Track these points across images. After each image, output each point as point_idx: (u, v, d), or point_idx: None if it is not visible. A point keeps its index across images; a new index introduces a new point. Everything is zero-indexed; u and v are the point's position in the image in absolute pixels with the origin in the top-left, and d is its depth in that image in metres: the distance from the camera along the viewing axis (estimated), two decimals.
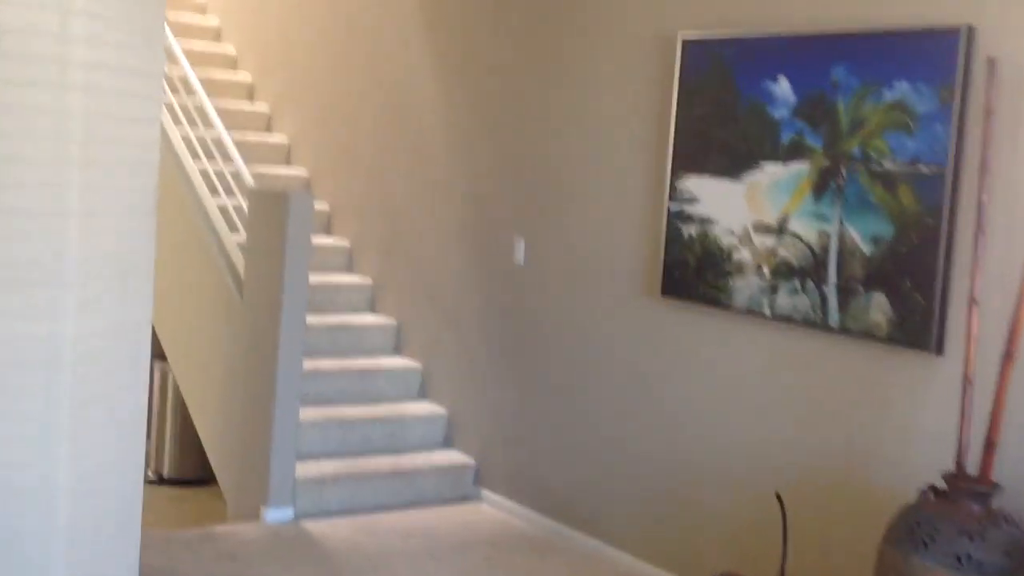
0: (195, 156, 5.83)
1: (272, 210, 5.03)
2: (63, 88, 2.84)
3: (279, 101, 6.97)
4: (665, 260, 4.48)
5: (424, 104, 5.83)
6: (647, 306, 4.61)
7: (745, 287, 4.16)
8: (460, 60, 5.61)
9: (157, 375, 6.63)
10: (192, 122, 6.05)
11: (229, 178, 5.49)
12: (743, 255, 4.18)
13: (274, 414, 4.98)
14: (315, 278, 6.04)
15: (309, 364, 5.58)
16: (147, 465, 6.75)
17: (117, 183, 3.03)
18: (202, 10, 7.68)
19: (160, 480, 6.58)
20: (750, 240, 4.15)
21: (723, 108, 4.25)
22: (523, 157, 5.24)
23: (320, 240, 6.32)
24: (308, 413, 5.37)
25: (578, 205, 4.94)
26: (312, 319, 5.82)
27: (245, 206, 5.39)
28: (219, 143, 5.83)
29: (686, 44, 4.40)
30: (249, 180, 5.37)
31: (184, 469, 6.56)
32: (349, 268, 6.38)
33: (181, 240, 5.68)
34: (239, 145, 6.59)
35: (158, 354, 6.60)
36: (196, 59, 7.15)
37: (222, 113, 6.76)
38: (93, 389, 3.01)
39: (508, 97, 5.32)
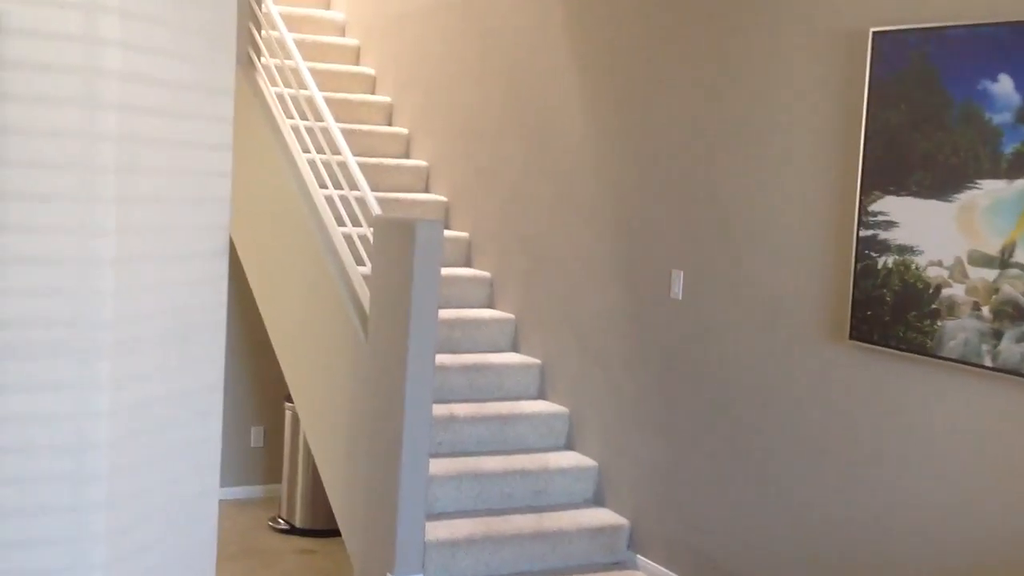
0: (322, 184, 5.38)
1: (397, 240, 4.50)
2: (92, 105, 2.28)
3: (418, 123, 6.49)
4: (854, 297, 3.74)
5: (570, 124, 5.24)
6: (831, 351, 3.88)
7: (958, 331, 3.40)
8: (608, 73, 5.00)
9: (288, 416, 6.21)
10: (320, 149, 5.61)
11: (355, 206, 5.00)
12: (955, 292, 3.42)
13: (401, 467, 4.44)
14: (452, 313, 5.51)
15: (442, 410, 5.03)
16: (278, 512, 6.32)
17: (168, 222, 2.48)
18: (340, 31, 7.29)
19: (291, 529, 6.14)
20: (964, 273, 3.39)
21: (927, 114, 3.51)
22: (681, 179, 4.58)
23: (459, 272, 5.79)
24: (440, 466, 4.82)
25: (746, 232, 4.25)
26: (447, 359, 5.28)
27: (371, 236, 4.89)
28: (347, 168, 5.36)
29: (878, 39, 3.67)
30: (375, 207, 4.87)
31: (316, 518, 6.10)
32: (490, 302, 5.82)
33: (307, 275, 5.22)
34: (376, 169, 6.13)
35: (288, 395, 6.18)
36: (332, 80, 6.75)
37: (358, 136, 6.33)
38: (138, 483, 2.46)
39: (663, 112, 4.68)
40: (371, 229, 5.07)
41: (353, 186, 5.40)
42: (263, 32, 5.92)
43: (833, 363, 3.88)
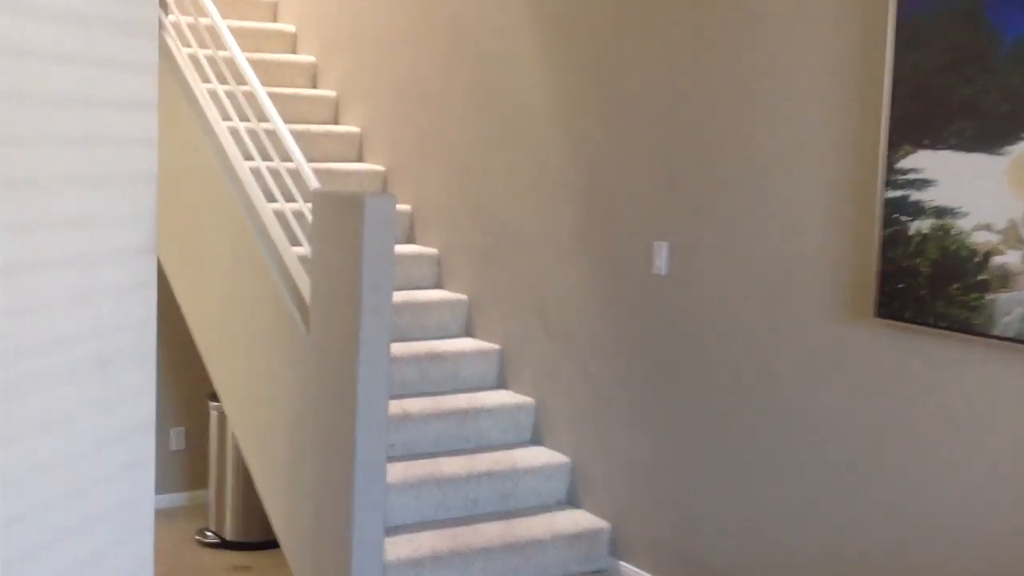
0: (247, 155, 4.74)
1: (342, 218, 3.90)
2: None
3: (347, 85, 5.85)
4: (881, 269, 3.26)
5: (527, 77, 4.67)
6: (851, 331, 3.40)
7: (1013, 305, 2.93)
8: (570, 14, 4.43)
9: (214, 416, 5.56)
10: (244, 116, 4.97)
11: (287, 178, 4.38)
12: (1008, 260, 2.95)
13: (355, 478, 3.86)
14: (398, 296, 4.93)
15: (394, 407, 4.46)
16: (206, 525, 5.69)
17: (74, 210, 1.85)
18: None
19: (221, 543, 5.51)
20: (1019, 238, 2.92)
21: (969, 53, 3.02)
22: (661, 133, 4.05)
23: (402, 249, 5.20)
24: (396, 471, 4.26)
25: (743, 195, 3.75)
26: (396, 348, 4.70)
27: (308, 213, 4.28)
28: (275, 136, 4.72)
29: None
30: (312, 181, 4.25)
31: (249, 530, 5.48)
32: (438, 282, 5.24)
33: (233, 259, 4.58)
34: (302, 137, 5.49)
35: (212, 393, 5.54)
36: (247, 39, 6.07)
37: (280, 100, 5.68)
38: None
39: (638, 54, 4.14)
40: (308, 205, 4.46)
41: (284, 156, 4.77)
42: None
43: (854, 344, 3.39)
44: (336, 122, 5.91)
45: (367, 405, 3.89)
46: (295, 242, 4.79)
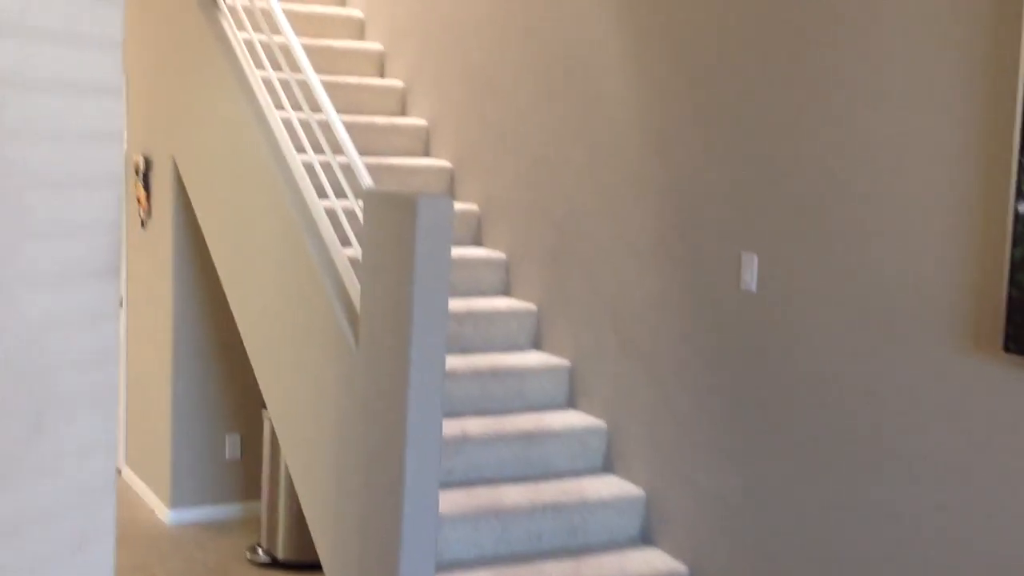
0: (300, 148, 4.39)
1: (394, 220, 3.52)
2: None
3: (415, 75, 5.48)
4: (1011, 295, 2.76)
5: (608, 71, 4.23)
6: (975, 366, 2.90)
7: None
8: (657, 5, 3.98)
9: (267, 425, 5.24)
10: (299, 106, 4.62)
11: (339, 173, 4.01)
12: None
13: (403, 508, 3.49)
14: (461, 304, 4.54)
15: (452, 427, 4.07)
16: (257, 540, 5.37)
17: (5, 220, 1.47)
18: None
19: (273, 563, 5.19)
20: None
21: None
22: (755, 134, 3.59)
23: (467, 252, 4.80)
24: (451, 500, 3.87)
25: (846, 204, 3.27)
26: (456, 361, 4.31)
27: (360, 212, 3.91)
28: (330, 129, 4.36)
29: None
30: (365, 177, 3.87)
31: (302, 549, 5.15)
32: (506, 289, 4.84)
33: (282, 260, 4.24)
34: (366, 130, 5.13)
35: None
36: (313, 25, 5.73)
37: (344, 91, 5.33)
38: None
39: (731, 49, 3.67)
40: (360, 203, 4.09)
41: (337, 150, 4.40)
42: None
43: (976, 380, 2.90)
44: (403, 114, 5.54)
45: (418, 427, 3.51)
46: (346, 242, 4.43)
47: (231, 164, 4.66)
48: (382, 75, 5.72)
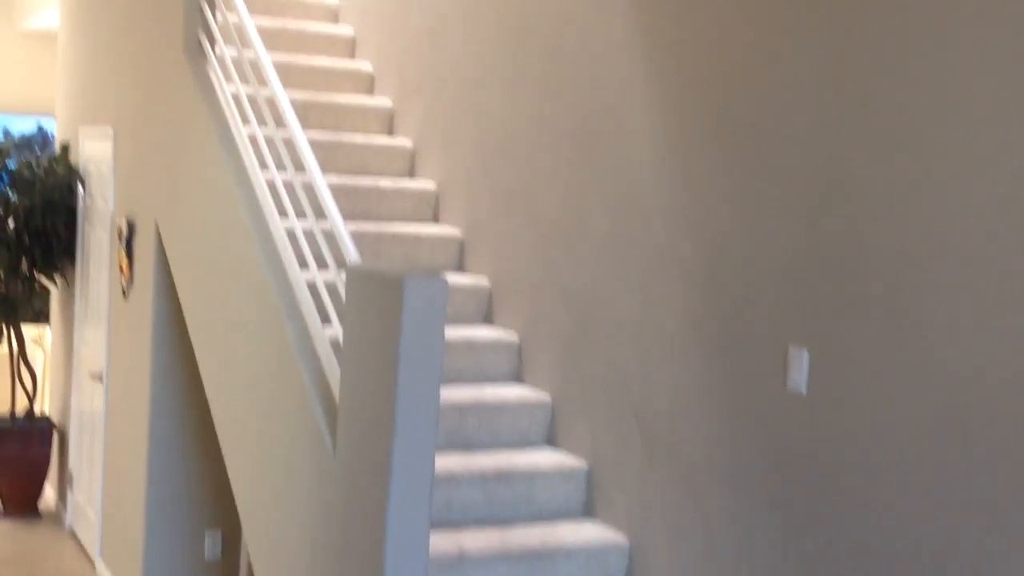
0: (285, 212, 3.88)
1: (378, 302, 2.97)
2: None
3: (426, 134, 4.97)
4: None
5: (634, 134, 3.69)
6: None
7: None
8: (689, 61, 3.45)
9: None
10: (282, 165, 4.11)
11: (323, 244, 3.47)
12: None
13: None
14: (465, 392, 3.98)
15: (446, 542, 3.48)
16: None
17: None
18: (332, 17, 5.80)
19: None
20: None
21: None
22: (810, 210, 3.02)
23: (475, 333, 4.25)
24: None
25: (920, 292, 2.68)
26: (456, 462, 3.74)
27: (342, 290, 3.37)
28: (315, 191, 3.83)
29: None
30: (350, 250, 3.33)
31: None
32: (517, 375, 4.27)
33: (258, 340, 3.70)
34: (370, 193, 4.63)
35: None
36: (320, 79, 5.26)
37: (348, 150, 4.84)
38: None
39: (776, 105, 3.12)
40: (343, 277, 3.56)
41: (322, 215, 3.88)
42: (219, 15, 4.43)
43: None
44: (411, 175, 5.03)
45: (398, 548, 2.93)
46: (328, 320, 3.90)
47: (209, 229, 4.16)
48: (391, 133, 5.22)
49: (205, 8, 4.41)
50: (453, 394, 4.00)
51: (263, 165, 4.04)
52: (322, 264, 4.19)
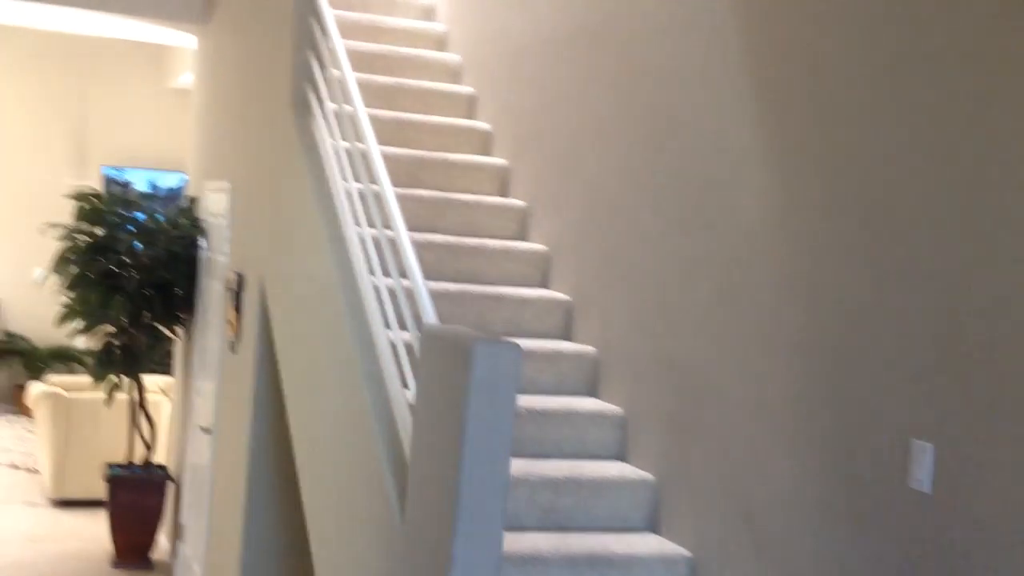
0: (374, 271, 3.70)
1: (448, 365, 2.75)
2: None
3: (537, 193, 4.76)
4: None
5: (747, 198, 3.39)
6: None
7: None
8: (810, 122, 3.14)
9: None
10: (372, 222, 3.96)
11: (404, 304, 3.27)
12: None
13: None
14: (563, 467, 3.73)
15: None
16: None
17: None
18: (454, 76, 5.68)
19: None
20: None
21: None
22: (937, 288, 2.66)
23: (577, 404, 3.98)
24: None
25: None
26: (545, 541, 3.46)
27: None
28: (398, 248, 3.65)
29: None
30: (428, 311, 3.12)
31: None
32: (620, 453, 3.97)
33: (339, 401, 3.51)
34: (479, 254, 4.44)
35: None
36: (438, 137, 5.12)
37: (459, 209, 4.67)
38: None
39: (907, 172, 2.79)
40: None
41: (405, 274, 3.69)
42: (328, 71, 4.34)
43: None
44: (523, 237, 4.81)
45: None
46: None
47: (302, 285, 4.02)
48: (505, 193, 5.03)
49: (313, 63, 4.33)
50: (548, 468, 3.73)
51: (356, 222, 3.89)
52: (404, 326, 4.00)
